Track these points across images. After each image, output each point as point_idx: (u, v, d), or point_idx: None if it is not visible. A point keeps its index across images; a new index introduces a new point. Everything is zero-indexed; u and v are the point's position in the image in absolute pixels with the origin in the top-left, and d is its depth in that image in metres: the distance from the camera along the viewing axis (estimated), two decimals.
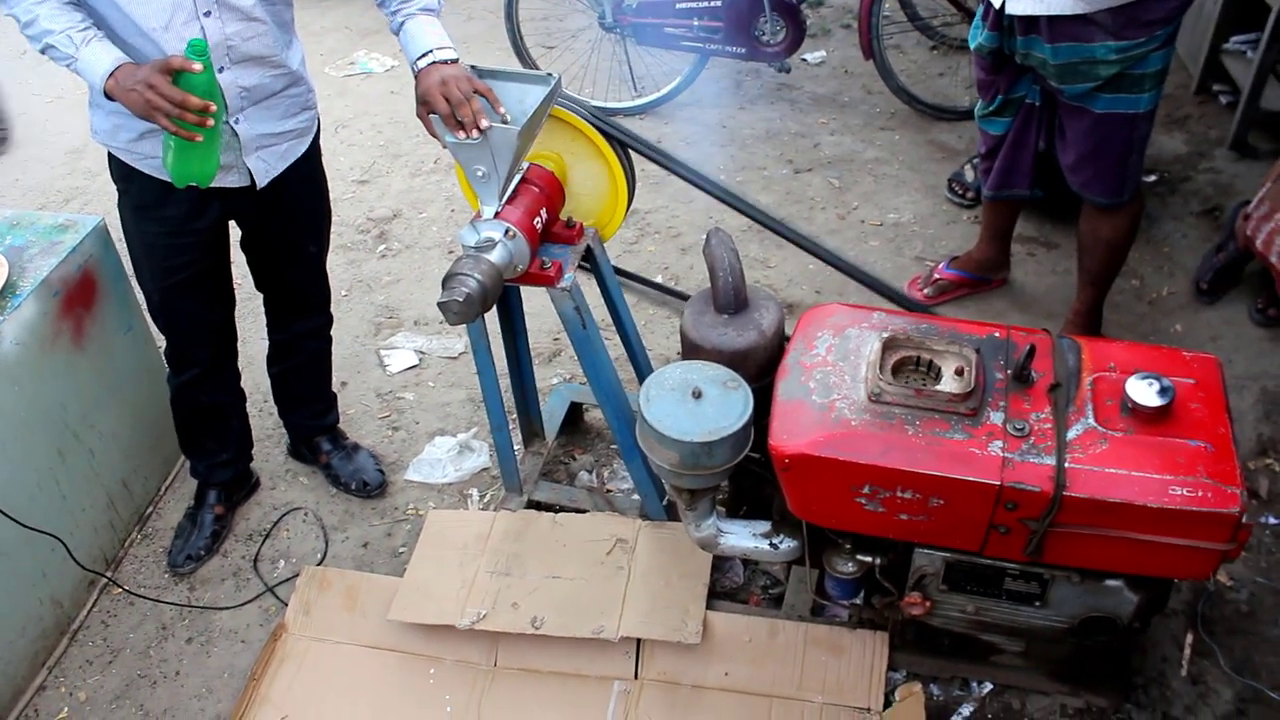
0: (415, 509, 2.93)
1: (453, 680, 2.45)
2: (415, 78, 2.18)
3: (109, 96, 2.04)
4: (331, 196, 4.19)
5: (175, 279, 2.44)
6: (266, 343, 2.86)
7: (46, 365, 2.49)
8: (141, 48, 2.09)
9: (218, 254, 2.51)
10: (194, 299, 2.51)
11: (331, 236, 3.84)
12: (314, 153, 2.51)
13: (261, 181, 2.36)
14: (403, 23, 2.25)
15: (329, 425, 3.01)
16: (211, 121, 2.00)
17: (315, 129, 2.49)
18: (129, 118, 2.17)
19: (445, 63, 2.17)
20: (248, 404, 2.89)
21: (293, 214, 2.52)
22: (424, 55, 2.18)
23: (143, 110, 1.99)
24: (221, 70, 2.16)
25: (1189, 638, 2.46)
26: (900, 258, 3.74)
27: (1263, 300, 3.27)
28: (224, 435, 2.82)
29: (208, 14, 2.11)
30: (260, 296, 2.77)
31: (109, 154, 2.33)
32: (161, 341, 2.66)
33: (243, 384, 2.83)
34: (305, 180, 2.50)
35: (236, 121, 2.25)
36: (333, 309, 2.97)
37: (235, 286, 2.64)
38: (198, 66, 1.98)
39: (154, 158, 2.24)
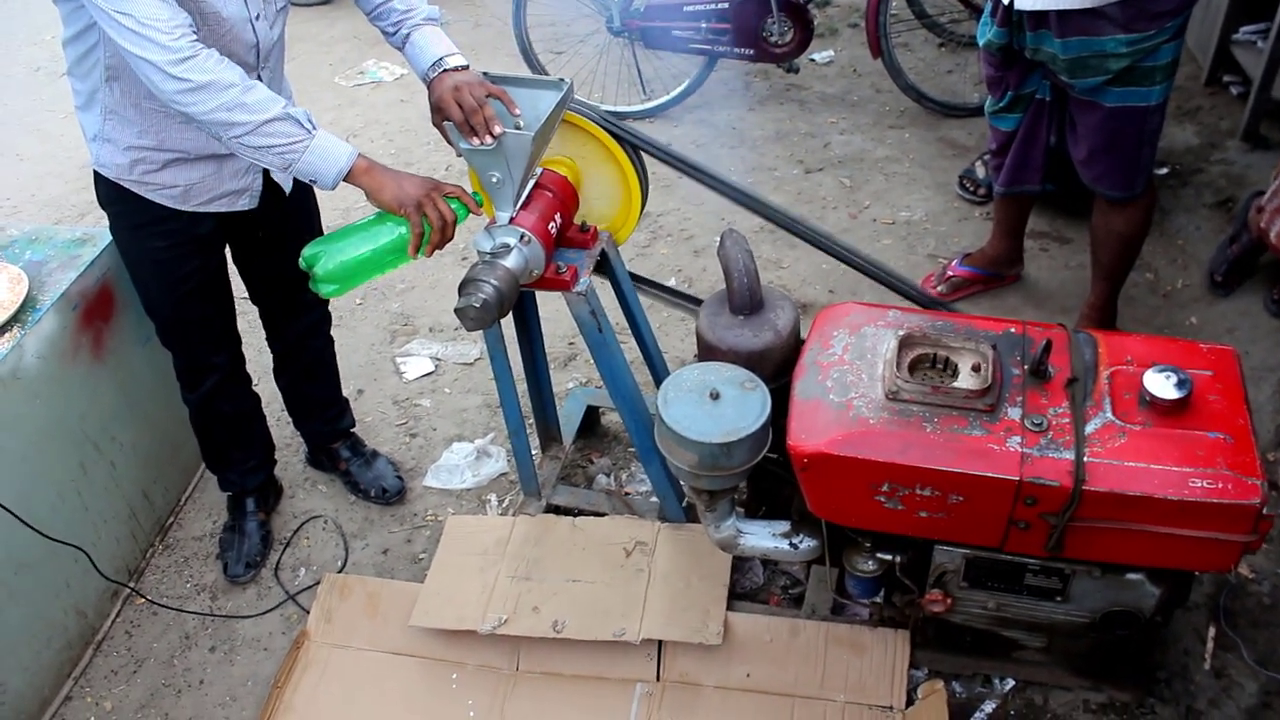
0: (434, 515, 2.94)
1: (475, 685, 2.46)
2: (428, 87, 2.20)
3: (347, 178, 2.08)
4: (344, 206, 4.21)
5: (187, 287, 2.45)
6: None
7: (67, 378, 2.51)
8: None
9: (220, 254, 2.52)
10: (208, 304, 2.52)
11: None
12: None
13: (288, 189, 2.40)
14: (408, 34, 2.26)
15: (345, 429, 3.02)
16: (430, 255, 2.18)
17: None
18: (155, 150, 2.20)
19: (456, 69, 2.18)
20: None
21: (284, 208, 2.50)
22: (435, 64, 2.19)
23: (412, 206, 2.09)
24: (261, 71, 2.20)
25: (1211, 631, 2.45)
26: (913, 255, 3.74)
27: (1278, 291, 3.26)
28: (249, 441, 2.84)
29: (263, 66, 2.17)
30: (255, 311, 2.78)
31: (97, 179, 2.32)
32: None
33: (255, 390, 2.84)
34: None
35: None
36: (348, 318, 2.99)
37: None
38: (481, 212, 2.17)
39: (171, 187, 2.26)
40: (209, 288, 2.50)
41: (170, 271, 2.42)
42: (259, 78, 2.18)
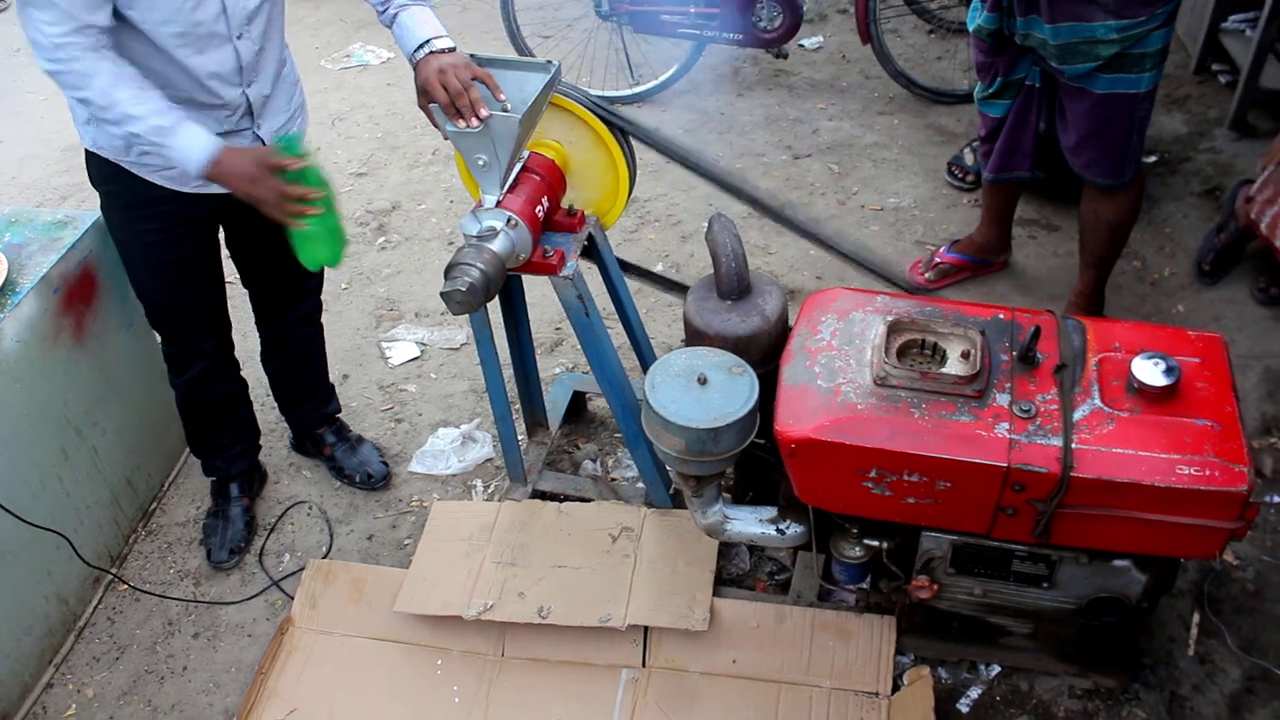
0: (419, 500, 2.92)
1: (460, 671, 2.45)
2: (414, 69, 2.17)
3: (203, 176, 2.09)
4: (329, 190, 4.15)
5: (178, 270, 2.43)
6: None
7: (48, 362, 2.48)
8: (166, 70, 2.11)
9: (212, 239, 2.50)
10: (197, 289, 2.50)
11: None
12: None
13: None
14: (395, 14, 2.23)
15: (331, 415, 3.00)
16: (317, 210, 2.11)
17: (304, 103, 2.50)
18: None
19: (443, 51, 2.16)
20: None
21: None
22: (421, 46, 2.17)
23: (257, 202, 2.10)
24: (250, 85, 2.20)
25: (1196, 617, 2.46)
26: (901, 242, 3.74)
27: (1265, 279, 3.27)
28: (235, 426, 2.81)
29: (240, 37, 2.14)
30: (246, 294, 2.75)
31: (89, 157, 2.31)
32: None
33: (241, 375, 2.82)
34: None
35: (258, 127, 2.28)
36: (333, 303, 2.96)
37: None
38: (294, 163, 2.11)
39: (168, 168, 2.24)
40: (200, 271, 2.48)
41: (161, 254, 2.40)
42: (235, 48, 2.14)
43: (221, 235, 2.55)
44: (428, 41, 2.16)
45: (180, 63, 2.08)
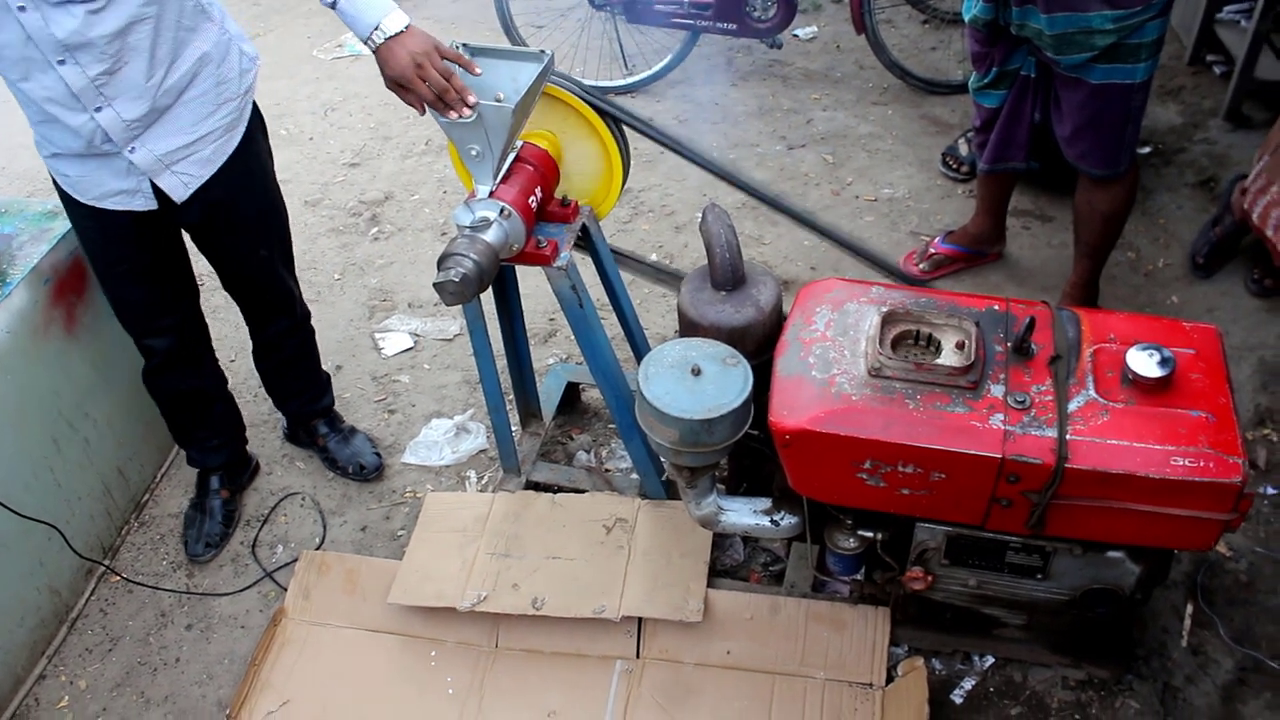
0: (413, 491, 2.92)
1: (454, 662, 2.45)
2: (375, 53, 2.05)
3: None
4: (323, 180, 4.15)
5: (116, 270, 2.40)
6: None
7: (39, 353, 2.47)
8: (15, 92, 2.07)
9: (159, 251, 2.40)
10: (140, 290, 2.44)
11: (323, 220, 3.79)
12: (250, 146, 2.35)
13: (180, 197, 2.25)
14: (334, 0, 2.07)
15: (325, 408, 2.99)
16: None
17: (246, 118, 2.32)
18: (44, 139, 2.18)
19: (401, 33, 2.03)
20: (242, 390, 2.86)
21: (231, 216, 2.39)
22: (375, 30, 2.03)
23: None
24: (100, 110, 2.05)
25: (1189, 608, 2.47)
26: (895, 233, 3.73)
27: (1259, 271, 3.26)
28: (209, 420, 2.78)
29: (62, 62, 1.97)
30: None
31: None
32: None
33: (236, 371, 2.80)
34: (241, 178, 2.35)
35: (131, 151, 2.14)
36: (326, 293, 2.93)
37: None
38: None
39: (65, 175, 2.22)
40: (141, 278, 2.42)
41: (99, 254, 2.39)
42: (60, 75, 1.98)
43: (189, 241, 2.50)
44: (379, 25, 2.02)
45: (14, 83, 2.01)
